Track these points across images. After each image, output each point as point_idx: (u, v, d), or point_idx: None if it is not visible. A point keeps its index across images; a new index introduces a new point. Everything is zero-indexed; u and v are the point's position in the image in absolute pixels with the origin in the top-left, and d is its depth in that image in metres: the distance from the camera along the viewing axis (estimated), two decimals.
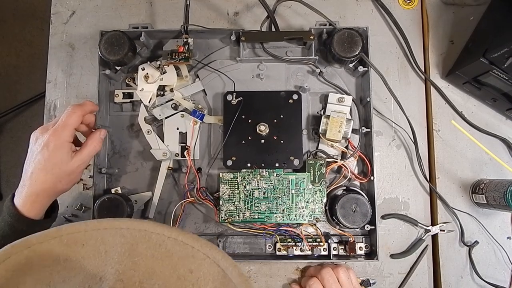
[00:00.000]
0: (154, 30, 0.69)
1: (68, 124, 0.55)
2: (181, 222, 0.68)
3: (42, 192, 0.54)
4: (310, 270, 0.66)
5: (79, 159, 0.56)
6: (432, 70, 0.72)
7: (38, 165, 0.53)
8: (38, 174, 0.53)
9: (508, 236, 0.68)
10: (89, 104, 0.59)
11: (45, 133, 0.54)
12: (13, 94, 1.58)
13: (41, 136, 0.54)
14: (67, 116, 0.55)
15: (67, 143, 0.55)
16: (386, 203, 0.69)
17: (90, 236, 0.31)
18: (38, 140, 0.54)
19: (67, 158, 0.55)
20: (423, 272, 0.68)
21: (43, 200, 0.54)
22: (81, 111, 0.56)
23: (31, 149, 0.55)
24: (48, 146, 0.53)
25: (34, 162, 0.53)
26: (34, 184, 0.53)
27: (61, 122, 0.54)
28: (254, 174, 0.65)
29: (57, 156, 0.54)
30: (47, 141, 0.53)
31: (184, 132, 0.69)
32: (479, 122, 0.70)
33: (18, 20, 1.62)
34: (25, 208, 0.53)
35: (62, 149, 0.54)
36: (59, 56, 0.74)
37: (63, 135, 0.54)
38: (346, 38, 0.65)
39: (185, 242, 0.32)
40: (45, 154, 0.53)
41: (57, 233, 0.31)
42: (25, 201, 0.53)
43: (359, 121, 0.69)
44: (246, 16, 0.74)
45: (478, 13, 0.72)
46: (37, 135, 0.55)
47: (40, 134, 0.55)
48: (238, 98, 0.67)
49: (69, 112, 0.55)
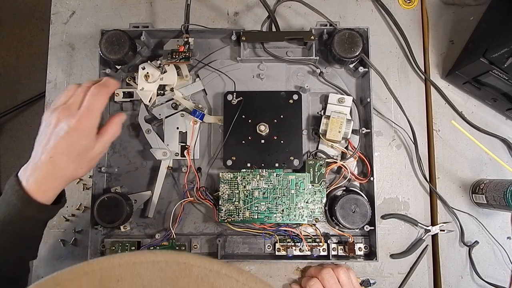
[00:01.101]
0: (155, 30, 0.69)
1: (96, 108, 0.51)
2: (181, 222, 0.68)
3: (61, 177, 0.51)
4: (311, 270, 0.66)
5: (101, 145, 0.54)
6: (432, 70, 0.72)
7: (60, 150, 0.50)
8: (60, 159, 0.50)
9: (508, 236, 0.68)
10: (112, 84, 0.54)
11: (69, 116, 0.50)
12: (13, 94, 1.57)
13: (65, 120, 0.50)
14: (94, 99, 0.51)
15: (94, 128, 0.52)
16: (386, 203, 0.69)
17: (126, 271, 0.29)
18: (61, 123, 0.50)
19: (91, 144, 0.52)
20: (423, 272, 0.68)
21: (59, 185, 0.52)
22: (107, 93, 0.53)
23: (51, 132, 0.50)
24: (75, 131, 0.50)
25: (56, 146, 0.50)
26: (53, 169, 0.50)
27: (88, 106, 0.51)
28: (254, 174, 0.65)
29: (82, 142, 0.51)
30: (74, 126, 0.50)
31: (184, 132, 0.69)
32: (479, 122, 0.70)
33: (18, 20, 1.62)
34: (38, 193, 0.50)
35: (89, 136, 0.52)
36: (59, 56, 0.74)
37: (91, 120, 0.51)
38: (347, 39, 0.65)
39: (228, 275, 0.30)
40: (70, 139, 0.50)
41: (89, 267, 0.29)
42: (39, 185, 0.50)
43: (359, 122, 0.69)
44: (247, 16, 0.74)
45: (478, 13, 0.72)
46: (59, 116, 0.50)
47: (63, 117, 0.50)
48: (238, 98, 0.67)
49: (95, 95, 0.51)
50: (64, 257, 0.69)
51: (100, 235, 0.68)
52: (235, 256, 0.67)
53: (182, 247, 0.67)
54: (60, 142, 0.50)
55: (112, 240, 0.67)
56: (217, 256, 0.65)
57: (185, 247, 0.67)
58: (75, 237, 0.69)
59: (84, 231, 0.69)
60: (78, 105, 0.51)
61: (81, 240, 0.69)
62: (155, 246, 0.66)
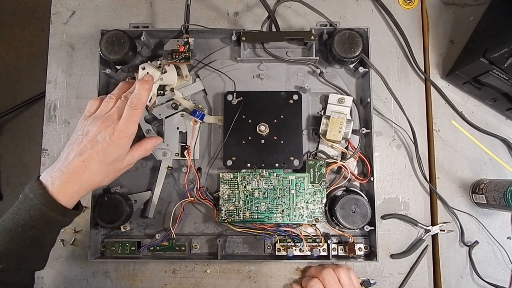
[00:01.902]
0: (155, 30, 0.69)
1: (136, 120, 0.54)
2: (181, 222, 0.68)
3: (88, 183, 0.52)
4: (311, 270, 0.66)
5: (130, 159, 0.56)
6: (432, 70, 0.72)
7: (96, 156, 0.52)
8: (92, 164, 0.52)
9: (508, 236, 0.68)
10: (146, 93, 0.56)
11: (110, 127, 0.52)
12: (13, 94, 1.58)
13: (106, 130, 0.52)
14: (132, 113, 0.53)
15: (131, 141, 0.54)
16: (386, 203, 0.69)
17: None
18: (102, 133, 0.52)
19: (124, 155, 0.55)
20: (423, 272, 0.68)
21: (83, 191, 0.53)
22: (144, 104, 0.55)
23: (90, 139, 0.52)
24: (113, 142, 0.52)
25: (91, 151, 0.51)
26: (82, 173, 0.51)
27: (127, 118, 0.53)
28: (254, 174, 0.65)
29: (117, 151, 0.53)
30: (114, 137, 0.52)
31: (184, 132, 0.69)
32: (479, 122, 0.70)
33: (18, 20, 1.62)
34: (62, 196, 0.50)
35: (124, 147, 0.54)
36: (59, 56, 0.74)
37: (130, 131, 0.54)
38: (347, 39, 0.65)
39: None
40: (107, 148, 0.52)
41: None
42: (65, 189, 0.50)
43: (359, 122, 0.69)
44: (247, 16, 0.74)
45: (478, 13, 0.72)
46: (100, 127, 0.53)
47: (105, 127, 0.53)
48: (238, 98, 0.67)
49: (133, 108, 0.54)
50: (64, 257, 0.69)
51: (100, 235, 0.68)
52: (235, 256, 0.67)
53: (182, 247, 0.67)
54: (97, 149, 0.52)
55: (112, 240, 0.67)
56: (217, 256, 0.65)
57: (185, 247, 0.67)
58: (75, 237, 0.69)
59: (84, 231, 0.69)
60: (118, 116, 0.54)
61: (81, 240, 0.69)
62: (155, 246, 0.66)
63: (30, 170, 1.54)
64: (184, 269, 0.68)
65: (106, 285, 0.68)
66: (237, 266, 0.68)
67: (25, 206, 0.49)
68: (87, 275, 0.68)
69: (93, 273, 0.68)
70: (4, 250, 0.48)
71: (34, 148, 1.54)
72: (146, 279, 0.68)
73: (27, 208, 0.49)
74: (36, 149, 1.52)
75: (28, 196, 0.50)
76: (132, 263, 0.68)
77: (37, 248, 0.51)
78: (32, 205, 0.49)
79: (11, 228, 0.49)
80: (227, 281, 0.68)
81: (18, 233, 0.48)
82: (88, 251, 0.64)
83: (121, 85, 0.61)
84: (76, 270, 0.69)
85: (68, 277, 0.68)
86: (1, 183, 1.55)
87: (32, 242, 0.50)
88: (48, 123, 0.72)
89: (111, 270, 0.68)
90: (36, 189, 0.50)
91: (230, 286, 0.68)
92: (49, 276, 0.68)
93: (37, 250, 0.52)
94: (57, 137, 0.71)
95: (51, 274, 0.68)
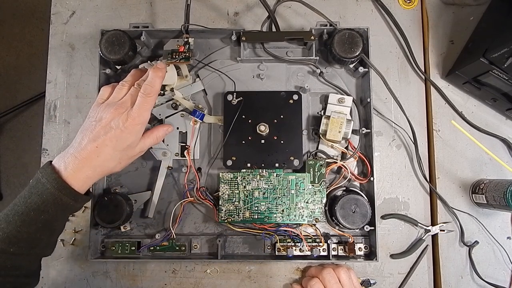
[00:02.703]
0: (155, 30, 0.69)
1: (147, 108, 0.55)
2: (181, 222, 0.68)
3: (101, 168, 0.53)
4: (311, 270, 0.66)
5: (142, 146, 0.57)
6: (432, 70, 0.72)
7: (109, 142, 0.52)
8: (106, 150, 0.52)
9: (508, 236, 0.68)
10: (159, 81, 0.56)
11: (123, 114, 0.53)
12: (13, 94, 1.58)
13: (119, 117, 0.53)
14: (145, 100, 0.54)
15: (143, 127, 0.55)
16: (386, 203, 0.69)
17: None
18: (115, 120, 0.53)
19: (136, 143, 0.55)
20: (423, 272, 0.68)
21: (96, 176, 0.53)
22: (157, 91, 0.56)
23: (103, 126, 0.53)
24: (127, 128, 0.53)
25: (104, 138, 0.52)
26: (96, 158, 0.52)
27: (140, 105, 0.54)
28: (254, 174, 0.65)
29: (130, 138, 0.54)
30: (128, 124, 0.53)
31: (184, 132, 0.69)
32: (479, 122, 0.70)
33: (18, 20, 1.62)
34: (75, 181, 0.51)
35: (138, 133, 0.55)
36: (59, 56, 0.74)
37: (143, 119, 0.54)
38: (347, 39, 0.65)
39: None
40: (121, 134, 0.52)
41: None
42: (78, 174, 0.51)
43: (359, 122, 0.69)
44: (247, 16, 0.74)
45: (478, 13, 0.72)
46: (114, 113, 0.53)
47: (118, 114, 0.53)
48: (238, 98, 0.67)
49: (147, 95, 0.54)
50: (64, 257, 0.69)
51: (100, 235, 0.68)
52: (235, 256, 0.67)
53: (182, 247, 0.67)
54: (110, 135, 0.52)
55: (112, 240, 0.67)
56: (217, 256, 0.65)
57: (185, 247, 0.67)
58: (75, 237, 0.69)
59: (84, 231, 0.69)
60: (131, 104, 0.54)
61: (81, 240, 0.69)
62: (155, 246, 0.66)
63: (30, 170, 1.54)
64: (184, 269, 0.68)
65: (106, 285, 0.68)
66: (237, 266, 0.68)
67: (37, 191, 0.49)
68: (87, 275, 0.68)
69: (93, 273, 0.68)
70: (15, 234, 0.48)
71: (34, 148, 1.54)
72: (146, 279, 0.68)
73: (40, 193, 0.49)
74: (36, 149, 1.52)
75: (40, 181, 0.50)
76: (132, 263, 0.68)
77: (48, 232, 0.51)
78: (45, 190, 0.49)
79: (23, 212, 0.49)
80: (227, 281, 0.68)
81: (31, 217, 0.49)
82: (88, 251, 0.64)
83: (133, 72, 0.61)
84: (76, 270, 0.69)
85: (68, 277, 0.68)
86: (1, 183, 1.55)
87: (44, 226, 0.50)
88: (48, 123, 0.72)
89: (111, 270, 0.68)
90: (49, 174, 0.50)
91: (230, 286, 0.68)
92: (49, 276, 0.68)
93: (48, 235, 0.52)
94: (57, 137, 0.72)
95: (51, 274, 0.68)
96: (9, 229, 0.48)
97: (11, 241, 0.48)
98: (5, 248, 0.48)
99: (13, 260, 0.49)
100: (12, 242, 0.48)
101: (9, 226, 0.48)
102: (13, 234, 0.48)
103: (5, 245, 0.48)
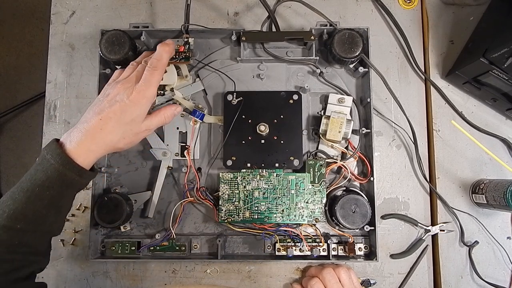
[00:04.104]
0: (155, 30, 0.69)
1: (153, 82, 0.55)
2: (181, 222, 0.68)
3: (104, 142, 0.52)
4: (311, 270, 0.66)
5: (148, 124, 0.57)
6: (432, 70, 0.72)
7: (112, 115, 0.52)
8: (109, 122, 0.52)
9: (508, 236, 0.68)
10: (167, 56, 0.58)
11: (129, 88, 0.54)
12: (13, 94, 1.58)
13: (124, 90, 0.53)
14: (151, 74, 0.55)
15: (149, 102, 0.55)
16: (386, 203, 0.69)
17: None
18: (120, 93, 0.53)
19: (141, 118, 0.55)
20: (423, 272, 0.68)
21: (100, 151, 0.53)
22: (163, 66, 0.57)
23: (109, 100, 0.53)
24: (131, 101, 0.53)
25: (109, 111, 0.52)
26: (99, 131, 0.52)
27: (146, 79, 0.54)
28: (254, 174, 0.65)
29: (135, 111, 0.54)
30: (132, 97, 0.53)
31: (184, 132, 0.69)
32: (479, 122, 0.70)
33: (18, 20, 1.62)
34: (79, 155, 0.50)
35: (143, 107, 0.54)
36: (59, 56, 0.74)
37: (149, 92, 0.54)
38: (347, 39, 0.65)
39: None
40: (124, 107, 0.53)
41: None
42: (82, 147, 0.51)
43: (359, 122, 0.69)
44: (247, 16, 0.74)
45: (478, 13, 0.72)
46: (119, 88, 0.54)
47: (123, 88, 0.54)
48: (238, 98, 0.67)
49: (153, 69, 0.55)
50: (64, 257, 0.69)
51: (100, 235, 0.68)
52: (235, 256, 0.67)
53: (182, 247, 0.67)
54: (114, 108, 0.52)
55: (112, 240, 0.67)
56: (217, 256, 0.65)
57: (185, 247, 0.67)
58: (75, 237, 0.69)
59: (84, 231, 0.69)
60: (137, 79, 0.55)
61: (81, 240, 0.69)
62: (155, 246, 0.66)
63: None
64: (184, 269, 0.68)
65: (106, 285, 0.68)
66: (237, 266, 0.68)
67: (42, 167, 0.50)
68: (87, 275, 0.68)
69: (93, 273, 0.68)
70: (22, 210, 0.48)
71: (34, 148, 1.54)
72: (146, 279, 0.68)
73: (44, 169, 0.49)
74: (36, 149, 1.52)
75: (45, 157, 0.50)
76: (132, 263, 0.68)
77: (54, 209, 0.51)
78: (49, 166, 0.49)
79: (28, 189, 0.49)
80: (227, 281, 0.68)
81: (36, 193, 0.49)
82: (88, 251, 0.64)
83: (144, 53, 0.62)
84: (76, 270, 0.69)
85: (68, 277, 0.68)
86: (1, 183, 1.55)
87: (50, 203, 0.50)
88: (48, 123, 0.72)
89: (111, 270, 0.68)
90: (53, 150, 0.50)
91: (230, 286, 0.68)
92: (49, 276, 0.68)
93: (54, 212, 0.52)
94: (57, 137, 0.71)
95: (51, 274, 0.68)
96: (15, 206, 0.48)
97: (18, 217, 0.48)
98: (12, 224, 0.48)
99: (20, 236, 0.49)
100: (18, 218, 0.48)
101: (15, 203, 0.48)
102: (19, 210, 0.48)
103: (12, 222, 0.48)
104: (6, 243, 0.48)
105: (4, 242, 0.48)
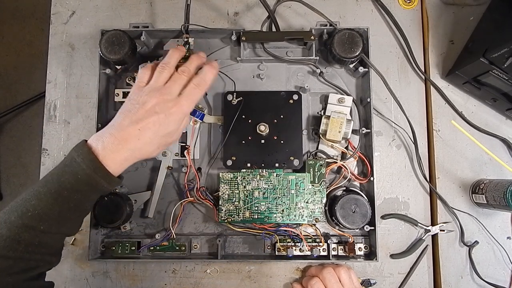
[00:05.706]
0: (155, 30, 0.69)
1: (195, 100, 0.55)
2: (181, 222, 0.68)
3: (139, 152, 0.52)
4: (311, 270, 0.66)
5: (178, 135, 0.57)
6: (432, 70, 0.72)
7: (152, 126, 0.51)
8: (147, 134, 0.51)
9: (508, 236, 0.68)
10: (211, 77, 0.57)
11: (170, 101, 0.53)
12: (13, 94, 1.58)
13: (165, 104, 0.52)
14: (194, 91, 0.54)
15: (186, 116, 0.55)
16: (386, 203, 0.69)
17: None
18: (160, 105, 0.52)
19: (176, 132, 0.55)
20: (423, 272, 0.68)
21: (132, 160, 0.52)
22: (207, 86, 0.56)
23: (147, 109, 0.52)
24: (171, 116, 0.52)
25: (148, 121, 0.51)
26: (136, 141, 0.51)
27: (189, 95, 0.54)
28: (254, 174, 0.65)
29: (173, 126, 0.53)
30: (173, 112, 0.52)
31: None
32: (479, 122, 0.70)
33: (18, 20, 1.62)
34: (111, 162, 0.50)
35: (180, 121, 0.55)
36: (59, 56, 0.74)
37: (189, 110, 0.55)
38: (347, 39, 0.65)
39: None
40: (164, 120, 0.52)
41: None
42: (115, 156, 0.50)
43: (359, 122, 0.69)
44: (247, 16, 0.74)
45: (478, 13, 0.72)
46: (159, 99, 0.52)
47: (164, 101, 0.52)
48: (238, 98, 0.67)
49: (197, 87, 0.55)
50: (64, 257, 0.69)
51: (100, 235, 0.68)
52: (235, 256, 0.67)
53: (182, 247, 0.67)
54: (153, 120, 0.52)
55: (112, 240, 0.67)
56: (217, 256, 0.65)
57: (185, 247, 0.67)
58: (75, 237, 0.69)
59: (84, 231, 0.69)
60: (179, 91, 0.54)
61: (81, 240, 0.69)
62: (155, 246, 0.66)
63: (30, 170, 1.54)
64: (184, 269, 0.68)
65: (106, 285, 0.68)
66: (237, 266, 0.68)
67: (71, 170, 0.49)
68: (87, 275, 0.68)
69: (93, 273, 0.68)
70: (47, 211, 0.48)
71: (34, 148, 1.54)
72: (146, 279, 0.68)
73: (74, 172, 0.48)
74: (36, 149, 1.52)
75: (75, 160, 0.49)
76: (132, 263, 0.68)
77: (78, 212, 0.51)
78: (80, 169, 0.48)
79: (56, 190, 0.48)
80: (227, 281, 0.68)
81: (63, 196, 0.48)
82: (88, 251, 0.64)
83: (171, 53, 0.58)
84: (76, 270, 0.69)
85: (68, 277, 0.68)
86: (1, 183, 1.55)
87: (76, 206, 0.49)
88: (48, 123, 0.72)
89: (111, 270, 0.68)
90: (85, 154, 0.49)
91: (230, 286, 0.68)
92: (49, 276, 0.68)
93: (77, 215, 0.51)
94: (57, 137, 0.72)
95: (51, 274, 0.68)
96: (41, 206, 0.47)
97: (42, 218, 0.47)
98: (35, 225, 0.47)
99: (40, 237, 0.48)
100: (43, 219, 0.47)
101: (41, 204, 0.47)
102: (44, 211, 0.47)
103: (36, 222, 0.47)
104: (26, 242, 0.47)
105: (24, 241, 0.47)
